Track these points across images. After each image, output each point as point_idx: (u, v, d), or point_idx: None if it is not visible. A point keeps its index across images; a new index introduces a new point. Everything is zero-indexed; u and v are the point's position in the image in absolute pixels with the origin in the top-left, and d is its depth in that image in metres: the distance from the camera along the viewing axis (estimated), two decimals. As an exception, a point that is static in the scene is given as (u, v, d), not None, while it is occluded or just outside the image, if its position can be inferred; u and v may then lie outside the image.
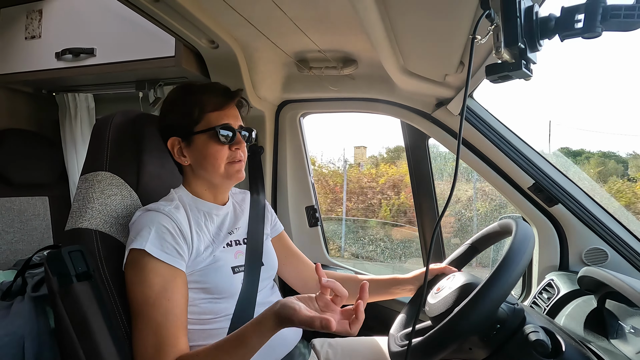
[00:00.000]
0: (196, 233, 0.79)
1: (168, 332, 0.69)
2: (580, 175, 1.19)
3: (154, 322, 0.69)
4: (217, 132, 0.80)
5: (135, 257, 0.72)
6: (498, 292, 0.59)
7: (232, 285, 0.81)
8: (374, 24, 0.85)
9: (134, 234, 0.74)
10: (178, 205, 0.80)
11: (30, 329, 0.75)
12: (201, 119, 0.81)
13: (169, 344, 0.69)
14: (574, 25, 0.45)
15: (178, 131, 0.83)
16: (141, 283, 0.71)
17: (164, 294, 0.71)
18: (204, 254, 0.79)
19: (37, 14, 1.43)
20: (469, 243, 0.95)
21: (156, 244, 0.72)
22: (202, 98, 0.82)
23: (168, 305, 0.70)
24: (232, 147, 0.83)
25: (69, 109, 1.63)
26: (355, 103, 1.35)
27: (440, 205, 1.40)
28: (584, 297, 0.94)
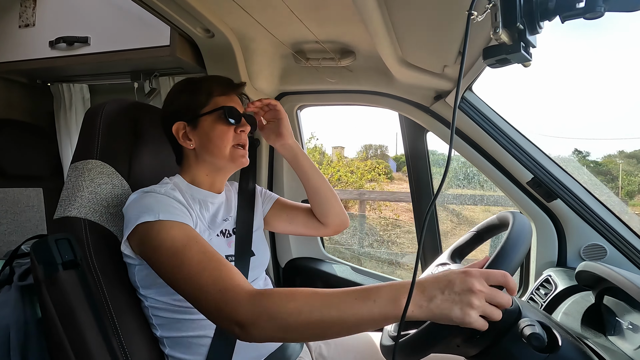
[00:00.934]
0: (195, 214, 0.79)
1: (213, 260, 0.65)
2: (580, 171, 1.17)
3: (194, 261, 0.65)
4: (225, 111, 0.82)
5: (148, 229, 0.69)
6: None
7: None
8: (371, 13, 0.83)
9: (141, 210, 0.70)
10: (173, 188, 0.80)
11: (16, 319, 0.74)
12: (208, 101, 0.83)
13: (224, 270, 0.64)
14: (576, 4, 0.43)
15: (184, 115, 0.83)
16: (163, 243, 0.67)
17: (189, 240, 0.68)
18: (203, 235, 0.77)
19: (31, 2, 1.41)
20: (474, 230, 0.92)
21: (165, 211, 0.70)
22: (209, 84, 0.85)
23: (199, 245, 0.67)
24: (237, 130, 0.84)
25: (64, 99, 1.61)
26: (352, 95, 1.33)
27: (439, 205, 1.39)
28: (581, 292, 0.93)
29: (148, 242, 0.69)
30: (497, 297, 0.53)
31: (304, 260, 1.48)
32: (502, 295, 0.54)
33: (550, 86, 35.76)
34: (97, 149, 0.85)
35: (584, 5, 0.43)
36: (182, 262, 0.65)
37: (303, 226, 1.04)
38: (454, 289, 0.53)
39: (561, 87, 27.89)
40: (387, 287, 0.57)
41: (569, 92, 31.59)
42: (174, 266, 0.66)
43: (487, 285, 0.53)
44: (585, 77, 32.04)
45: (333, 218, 1.02)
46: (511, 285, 0.54)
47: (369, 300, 0.55)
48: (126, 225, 0.71)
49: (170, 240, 0.67)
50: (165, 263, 0.67)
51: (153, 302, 0.77)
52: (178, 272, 0.65)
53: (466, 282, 0.53)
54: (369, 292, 0.57)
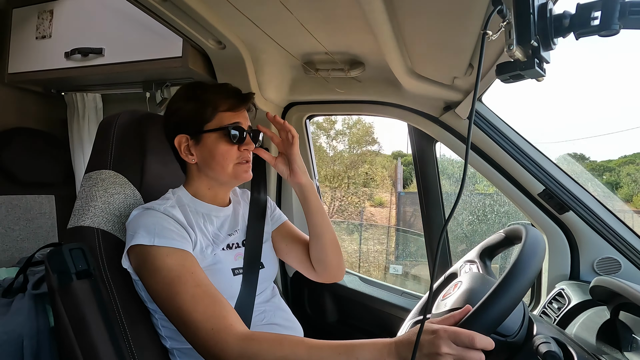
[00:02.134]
0: (197, 231, 0.78)
1: (207, 295, 0.67)
2: (593, 182, 1.16)
3: (188, 295, 0.66)
4: (229, 131, 0.80)
5: (142, 253, 0.70)
6: (514, 292, 0.56)
7: (231, 287, 0.79)
8: (382, 25, 0.84)
9: (136, 230, 0.72)
10: (174, 204, 0.79)
11: (29, 327, 0.75)
12: (213, 117, 0.80)
13: (218, 306, 0.66)
14: (590, 22, 0.43)
15: (187, 129, 0.81)
16: (158, 271, 0.68)
17: (184, 270, 0.68)
18: (206, 251, 0.78)
19: (48, 14, 1.45)
20: (503, 233, 0.88)
21: (161, 235, 0.70)
22: (216, 97, 0.81)
23: (194, 276, 0.68)
24: (241, 148, 0.82)
25: (77, 108, 1.64)
26: (361, 106, 1.34)
27: (448, 212, 1.38)
28: (596, 307, 0.91)
29: (144, 265, 0.70)
30: (466, 357, 0.53)
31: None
32: (472, 355, 0.53)
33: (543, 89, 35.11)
34: (111, 159, 0.86)
35: (598, 23, 0.43)
36: (176, 293, 0.66)
37: (297, 263, 0.99)
38: (422, 351, 0.54)
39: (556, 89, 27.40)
40: (372, 346, 0.59)
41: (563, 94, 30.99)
42: (167, 297, 0.67)
43: (455, 346, 0.53)
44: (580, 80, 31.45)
45: (326, 268, 0.94)
46: (483, 345, 0.54)
47: (352, 357, 0.58)
48: (127, 240, 0.73)
49: (165, 270, 0.68)
50: (159, 291, 0.68)
51: (161, 315, 0.76)
52: (171, 304, 0.67)
53: (433, 345, 0.54)
54: (353, 349, 0.59)
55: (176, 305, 0.66)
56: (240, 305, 0.79)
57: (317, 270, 0.96)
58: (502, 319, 0.57)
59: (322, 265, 0.94)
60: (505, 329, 0.63)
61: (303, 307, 1.46)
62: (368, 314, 1.34)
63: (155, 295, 0.69)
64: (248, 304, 0.81)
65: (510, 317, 0.60)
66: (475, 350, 0.53)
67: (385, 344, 0.58)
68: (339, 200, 11.76)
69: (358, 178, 12.27)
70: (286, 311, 0.92)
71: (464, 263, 0.88)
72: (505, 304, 0.57)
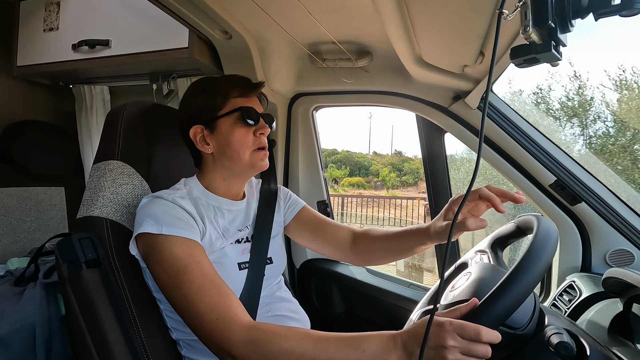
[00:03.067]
0: (207, 223, 0.78)
1: (214, 286, 0.67)
2: (605, 172, 1.13)
3: (194, 284, 0.66)
4: (242, 113, 0.79)
5: (151, 241, 0.70)
6: (525, 282, 0.54)
7: (236, 282, 0.79)
8: (390, 13, 0.82)
9: (143, 218, 0.71)
10: (183, 195, 0.78)
11: (41, 316, 0.76)
12: (225, 103, 0.80)
13: (224, 297, 0.66)
14: (611, 1, 0.42)
15: (201, 118, 0.81)
16: (165, 259, 0.68)
17: (191, 259, 0.68)
18: (215, 244, 0.77)
19: (55, 6, 1.45)
20: (514, 223, 0.83)
21: (169, 224, 0.70)
22: (225, 85, 0.81)
23: (200, 266, 0.68)
24: (256, 132, 0.81)
25: (85, 100, 1.65)
26: (369, 96, 1.32)
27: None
28: (608, 300, 0.89)
29: (151, 253, 0.70)
30: (473, 350, 0.53)
31: (319, 262, 1.48)
32: (478, 349, 0.53)
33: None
34: (118, 150, 0.86)
35: (620, 2, 0.41)
36: (182, 282, 0.66)
37: (327, 248, 0.97)
38: (428, 343, 0.54)
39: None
40: (378, 338, 0.59)
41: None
42: (173, 286, 0.67)
43: (461, 339, 0.53)
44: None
45: (369, 263, 0.96)
46: (489, 338, 0.53)
47: (359, 349, 0.58)
48: (134, 228, 0.73)
49: (172, 258, 0.68)
50: (165, 281, 0.68)
51: (167, 305, 0.76)
52: (177, 293, 0.67)
53: (439, 338, 0.54)
54: (359, 341, 0.59)
55: (182, 295, 0.66)
56: (245, 300, 0.79)
57: (356, 258, 0.95)
58: (510, 313, 0.56)
59: (369, 261, 0.95)
60: (514, 321, 0.62)
61: (310, 299, 1.46)
62: (375, 305, 1.33)
63: (162, 285, 0.69)
64: (253, 299, 0.80)
65: (520, 309, 0.59)
66: (482, 343, 0.53)
67: (391, 336, 0.58)
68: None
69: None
70: (293, 302, 0.92)
71: (475, 253, 0.87)
72: (514, 298, 0.55)
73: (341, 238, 0.96)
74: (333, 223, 0.98)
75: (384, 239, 0.91)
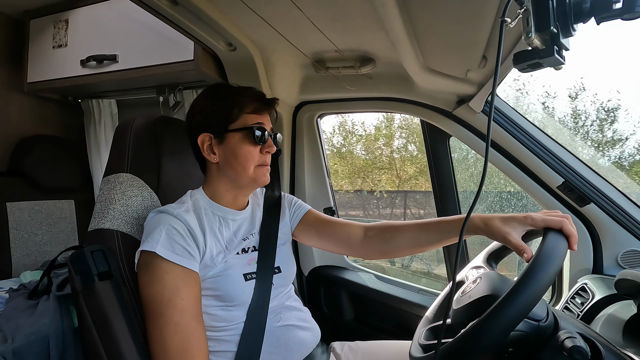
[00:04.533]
0: (209, 237, 0.78)
1: (188, 329, 0.69)
2: (615, 173, 1.12)
3: (171, 321, 0.69)
4: (253, 131, 0.80)
5: (147, 259, 0.72)
6: (535, 288, 0.55)
7: (243, 293, 0.79)
8: (393, 20, 0.83)
9: (145, 235, 0.74)
10: (188, 209, 0.79)
11: (55, 328, 0.77)
12: (238, 118, 0.81)
13: (193, 345, 0.69)
14: (612, 5, 0.42)
15: (211, 127, 0.82)
16: (154, 283, 0.71)
17: (177, 294, 0.70)
18: (217, 259, 0.78)
19: (63, 23, 1.48)
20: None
21: (167, 246, 0.72)
22: (242, 99, 0.82)
23: (183, 304, 0.70)
24: (263, 150, 0.83)
25: (94, 114, 1.68)
26: (373, 103, 1.33)
27: (462, 206, 1.36)
28: (622, 302, 0.88)
29: (144, 272, 0.72)
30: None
31: (327, 269, 1.48)
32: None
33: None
34: (128, 162, 0.88)
35: (621, 6, 0.41)
36: (160, 314, 0.69)
37: (338, 247, 0.96)
38: None
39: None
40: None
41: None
42: (152, 313, 0.70)
43: None
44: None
45: (383, 255, 0.93)
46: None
47: None
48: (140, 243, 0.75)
49: (159, 286, 0.70)
50: (148, 304, 0.71)
51: None
52: (153, 322, 0.70)
53: None
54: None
55: (157, 326, 0.69)
56: (253, 311, 0.79)
57: (368, 251, 0.93)
58: (540, 296, 0.55)
59: (386, 253, 0.92)
60: (535, 314, 0.62)
61: (319, 306, 1.46)
62: (385, 311, 1.33)
63: (144, 305, 0.72)
64: (261, 310, 0.80)
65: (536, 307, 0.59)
66: None
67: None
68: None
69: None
70: (303, 311, 0.92)
71: (471, 269, 0.87)
72: (541, 283, 0.55)
73: (350, 233, 0.94)
74: (340, 221, 0.97)
75: (412, 229, 0.87)
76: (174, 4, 0.91)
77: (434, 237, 0.84)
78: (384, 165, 9.25)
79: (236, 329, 0.78)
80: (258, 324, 0.79)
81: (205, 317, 0.75)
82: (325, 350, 0.93)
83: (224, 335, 0.77)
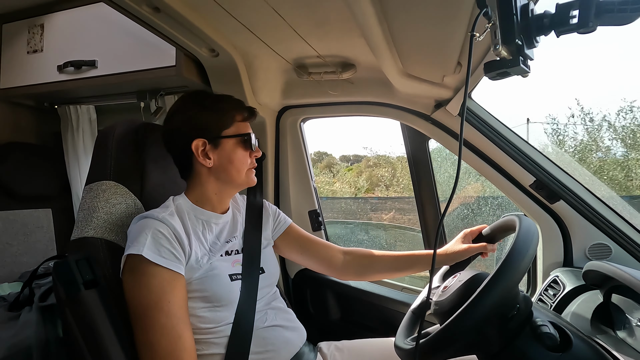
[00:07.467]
0: (194, 240, 0.80)
1: (175, 332, 0.70)
2: (580, 171, 1.20)
3: (158, 324, 0.70)
4: (250, 139, 0.88)
5: (133, 263, 0.73)
6: (510, 279, 0.60)
7: (230, 293, 0.81)
8: (372, 27, 0.87)
9: (131, 240, 0.75)
10: (172, 213, 0.80)
11: (38, 339, 0.75)
12: (231, 124, 0.87)
13: (181, 347, 0.70)
14: (569, 21, 0.46)
15: (206, 133, 0.85)
16: (141, 287, 0.71)
17: (164, 297, 0.71)
18: (201, 261, 0.79)
19: (38, 28, 1.45)
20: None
21: (152, 249, 0.73)
22: (232, 108, 0.89)
23: (170, 307, 0.71)
24: (251, 155, 0.90)
25: (71, 121, 1.64)
26: (354, 107, 1.36)
27: (443, 207, 1.41)
28: (589, 292, 0.94)
29: (131, 276, 0.73)
30: None
31: (313, 271, 1.49)
32: None
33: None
34: (110, 170, 0.87)
35: (577, 21, 0.46)
36: (147, 317, 0.71)
37: (317, 266, 1.06)
38: None
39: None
40: None
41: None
42: (139, 316, 0.72)
43: None
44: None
45: (364, 278, 1.13)
46: None
47: None
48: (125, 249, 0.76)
49: (146, 290, 0.71)
50: (134, 307, 0.72)
51: None
52: (139, 324, 0.71)
53: None
54: None
55: (144, 329, 0.71)
56: (241, 311, 0.81)
57: (347, 274, 1.07)
58: (528, 264, 0.64)
59: (364, 277, 1.11)
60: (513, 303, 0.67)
61: (306, 307, 1.48)
62: (370, 310, 1.36)
63: (130, 309, 0.73)
64: (249, 310, 0.82)
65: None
66: None
67: None
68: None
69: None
70: (288, 312, 0.94)
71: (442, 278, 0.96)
72: (519, 267, 0.63)
73: (331, 256, 1.05)
74: (322, 242, 1.08)
75: (389, 259, 1.04)
76: (156, 11, 0.91)
77: (406, 269, 1.03)
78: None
79: (224, 331, 0.79)
80: (246, 324, 0.80)
81: (192, 320, 0.76)
82: (312, 350, 0.95)
83: (211, 338, 0.78)
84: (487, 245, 0.92)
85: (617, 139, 7.78)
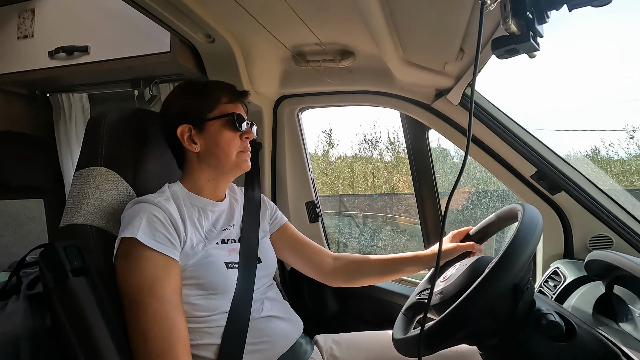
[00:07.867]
0: (189, 226, 0.78)
1: (168, 319, 0.68)
2: (583, 162, 1.18)
3: (151, 310, 0.68)
4: (234, 118, 0.83)
5: (127, 247, 0.71)
6: (514, 265, 0.58)
7: (226, 280, 0.79)
8: (373, 12, 0.84)
9: (125, 224, 0.73)
10: (168, 198, 0.79)
11: (26, 329, 0.73)
12: (215, 107, 0.84)
13: (174, 334, 0.68)
14: (583, -8, 0.44)
15: (190, 118, 0.83)
16: (134, 272, 0.70)
17: (158, 282, 0.69)
18: (196, 248, 0.78)
19: (29, 13, 1.41)
20: (478, 228, 0.95)
21: (147, 233, 0.71)
22: (216, 90, 0.86)
23: (164, 292, 0.69)
24: (242, 137, 0.86)
25: (64, 109, 1.60)
26: (353, 96, 1.34)
27: (441, 198, 1.39)
28: (591, 283, 0.93)
29: (124, 260, 0.71)
30: None
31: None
32: None
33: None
34: (102, 155, 0.85)
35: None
36: (139, 303, 0.68)
37: (307, 268, 1.05)
38: None
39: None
40: None
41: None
42: (132, 301, 0.69)
43: None
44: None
45: (352, 284, 1.06)
46: None
47: None
48: (118, 233, 0.74)
49: (140, 275, 0.69)
50: (127, 293, 0.70)
51: None
52: (132, 310, 0.69)
53: None
54: None
55: (136, 315, 0.68)
56: (237, 299, 0.79)
57: (336, 280, 1.05)
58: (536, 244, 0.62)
59: (354, 282, 1.06)
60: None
61: (303, 300, 1.46)
62: (367, 303, 1.34)
63: (122, 294, 0.71)
64: (245, 299, 0.81)
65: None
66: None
67: None
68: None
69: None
70: (284, 303, 0.93)
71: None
72: (527, 248, 0.61)
73: (322, 261, 1.04)
74: (314, 245, 1.06)
75: (378, 263, 1.03)
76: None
77: (395, 272, 1.03)
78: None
79: (219, 320, 0.77)
80: (242, 313, 0.78)
81: (186, 307, 0.74)
82: (309, 342, 0.93)
83: (206, 327, 0.76)
84: (474, 244, 0.93)
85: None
